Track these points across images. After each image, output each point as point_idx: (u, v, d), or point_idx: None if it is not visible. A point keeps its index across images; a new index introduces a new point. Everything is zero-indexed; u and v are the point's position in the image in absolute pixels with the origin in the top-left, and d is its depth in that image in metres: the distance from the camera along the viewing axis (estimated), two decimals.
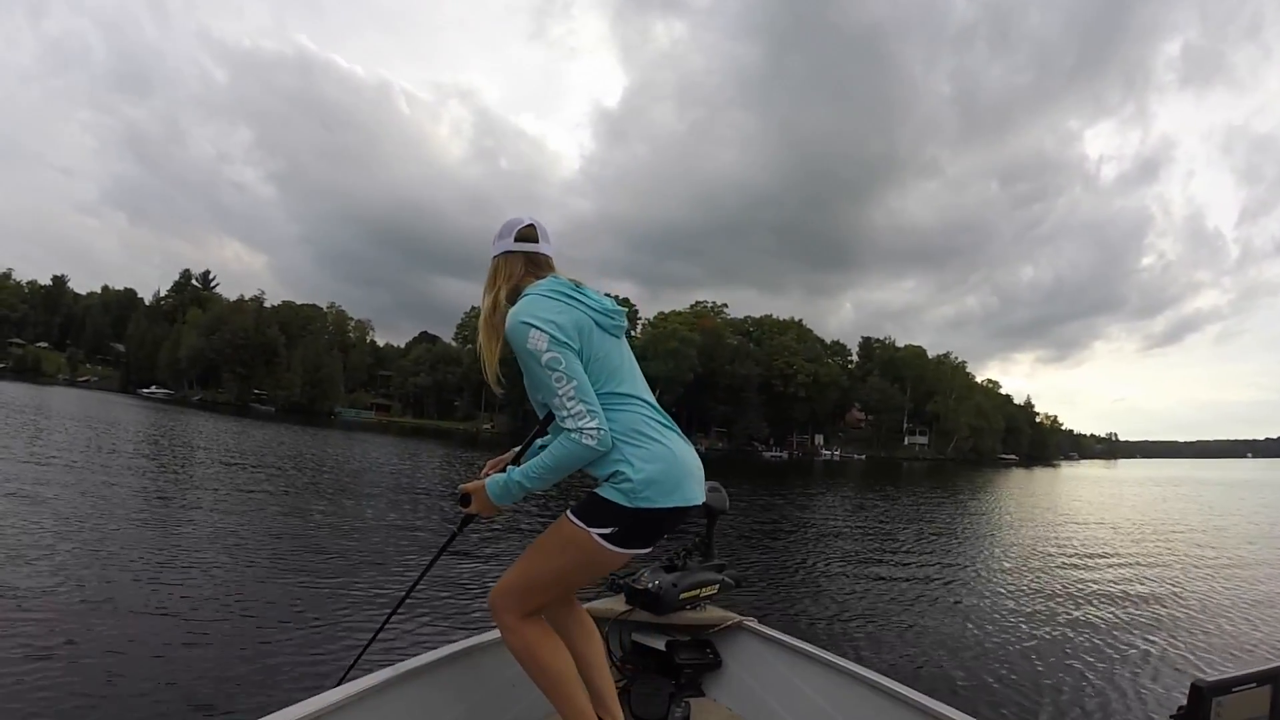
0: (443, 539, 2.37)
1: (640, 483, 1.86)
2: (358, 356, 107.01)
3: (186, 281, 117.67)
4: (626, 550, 1.93)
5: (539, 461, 1.90)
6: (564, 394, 1.83)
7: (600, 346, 1.97)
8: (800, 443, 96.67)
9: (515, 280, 2.10)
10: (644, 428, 1.95)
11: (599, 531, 1.89)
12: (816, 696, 2.56)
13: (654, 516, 1.90)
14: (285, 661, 4.91)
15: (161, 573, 6.92)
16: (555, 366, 1.84)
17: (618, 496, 1.87)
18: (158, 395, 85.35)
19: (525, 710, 2.48)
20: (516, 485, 1.92)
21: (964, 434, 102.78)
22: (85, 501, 10.30)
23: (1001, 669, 5.98)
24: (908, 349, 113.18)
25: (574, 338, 1.90)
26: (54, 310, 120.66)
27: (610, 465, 1.90)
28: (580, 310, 1.97)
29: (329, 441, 33.42)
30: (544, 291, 1.98)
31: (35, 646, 4.70)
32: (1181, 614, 8.45)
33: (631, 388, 2.02)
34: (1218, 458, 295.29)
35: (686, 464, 1.99)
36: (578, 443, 1.81)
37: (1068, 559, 12.43)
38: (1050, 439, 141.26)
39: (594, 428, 1.82)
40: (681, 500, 1.93)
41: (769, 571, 9.69)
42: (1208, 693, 1.23)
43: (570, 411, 1.82)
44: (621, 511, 1.87)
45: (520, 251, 2.12)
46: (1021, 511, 22.71)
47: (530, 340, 1.85)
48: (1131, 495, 34.82)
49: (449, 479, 19.29)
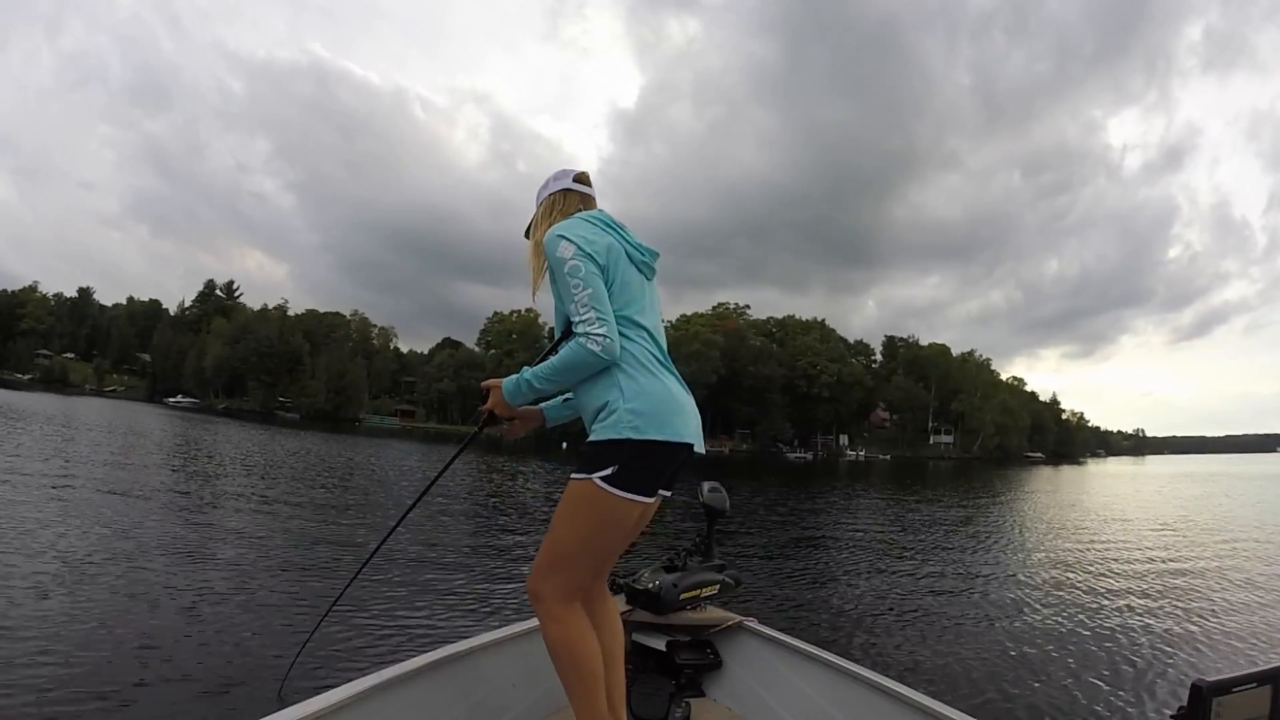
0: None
1: (627, 411, 1.88)
2: (381, 363, 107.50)
3: (211, 291, 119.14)
4: (631, 495, 1.89)
5: (549, 362, 1.97)
6: (579, 299, 1.89)
7: (625, 274, 2.03)
8: (825, 443, 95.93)
9: (569, 215, 2.16)
10: (645, 360, 1.98)
11: (599, 475, 1.88)
12: (817, 696, 2.56)
13: (645, 451, 1.89)
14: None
15: (195, 570, 7.17)
16: (575, 274, 1.91)
17: (606, 432, 1.89)
18: (184, 404, 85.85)
19: (525, 710, 2.48)
20: (526, 383, 1.99)
21: (989, 432, 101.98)
22: (117, 505, 10.41)
23: (1002, 669, 5.97)
24: (932, 347, 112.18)
25: (600, 254, 1.97)
26: (80, 322, 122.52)
27: (600, 395, 1.94)
28: (613, 236, 2.06)
29: (355, 447, 33.76)
30: (584, 216, 2.11)
31: (54, 639, 4.89)
32: (1184, 614, 8.30)
33: (645, 320, 2.05)
34: (1248, 452, 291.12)
35: (680, 402, 2.00)
36: (584, 346, 1.86)
37: (1073, 558, 12.26)
38: (1077, 436, 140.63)
39: (601, 334, 1.87)
40: (672, 435, 1.92)
41: (770, 572, 9.64)
42: (1208, 693, 1.22)
43: (582, 317, 1.88)
44: (612, 447, 1.88)
45: (576, 191, 2.24)
46: (1038, 511, 22.44)
47: (559, 249, 1.95)
48: (1155, 492, 34.34)
49: (473, 483, 19.31)
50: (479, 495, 16.87)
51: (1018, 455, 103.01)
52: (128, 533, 8.63)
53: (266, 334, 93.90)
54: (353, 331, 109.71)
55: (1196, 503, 27.72)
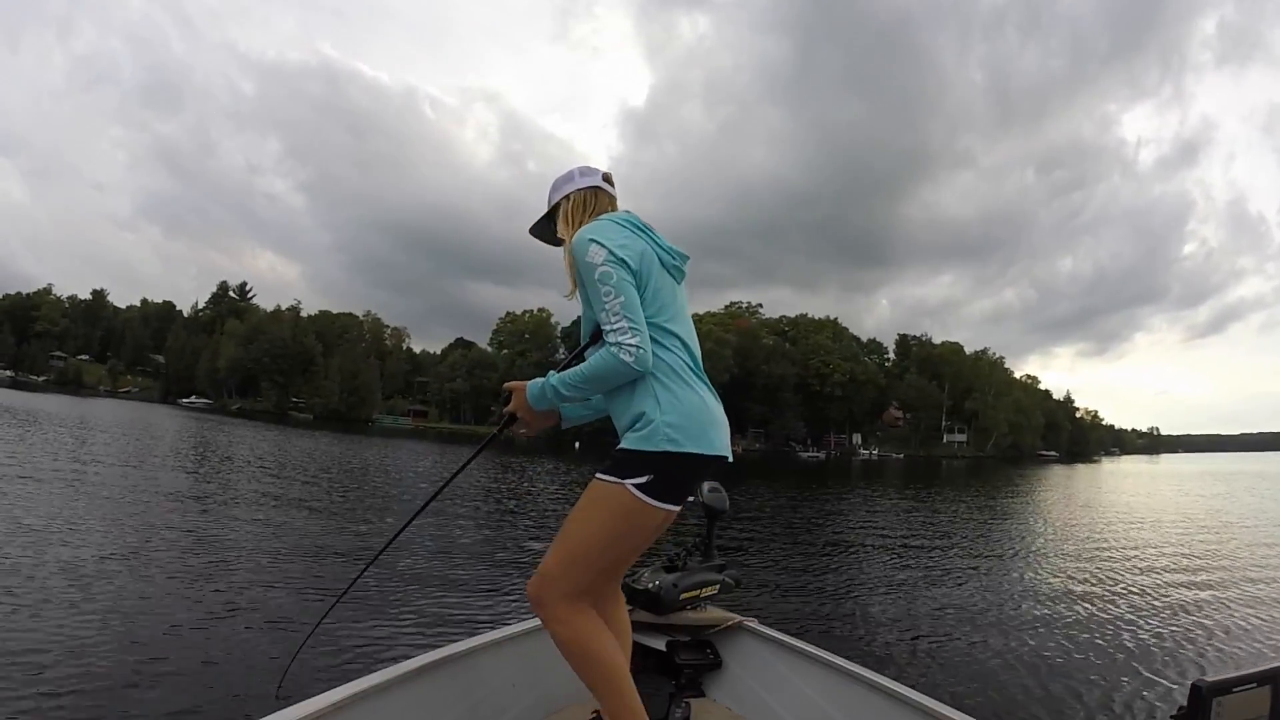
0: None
1: (663, 424, 1.83)
2: (394, 363, 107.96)
3: (224, 293, 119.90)
4: (662, 504, 1.85)
5: (577, 369, 1.89)
6: (610, 307, 1.81)
7: (658, 280, 1.95)
8: (838, 442, 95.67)
9: (599, 215, 2.08)
10: (679, 370, 1.92)
11: (633, 481, 1.82)
12: (817, 697, 2.55)
13: (681, 463, 1.84)
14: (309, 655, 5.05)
15: (202, 569, 7.25)
16: (606, 280, 1.83)
17: (642, 443, 1.83)
18: (198, 405, 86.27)
19: (525, 710, 2.49)
20: (552, 389, 1.92)
21: (1003, 431, 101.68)
22: (130, 504, 10.48)
23: (1002, 669, 5.97)
24: (945, 346, 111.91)
25: (634, 260, 1.89)
26: (94, 323, 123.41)
27: (636, 405, 1.88)
28: (645, 240, 1.98)
29: (369, 448, 33.85)
30: (614, 218, 2.01)
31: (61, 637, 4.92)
32: (1185, 613, 8.26)
33: (678, 328, 1.97)
34: (1264, 450, 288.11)
35: (714, 414, 1.95)
36: (615, 356, 1.79)
37: (1077, 558, 12.16)
38: (1091, 435, 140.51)
39: (633, 344, 1.79)
40: (707, 448, 1.87)
41: (771, 572, 9.58)
42: (1208, 693, 1.22)
43: (613, 325, 1.80)
44: (649, 458, 1.83)
45: (606, 191, 2.16)
46: (1048, 510, 22.26)
47: (590, 254, 1.86)
48: (1178, 492, 33.91)
49: (485, 483, 19.21)
50: (490, 495, 16.74)
51: (1031, 454, 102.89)
52: (138, 531, 8.66)
53: (279, 335, 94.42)
54: (365, 332, 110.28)
55: (1222, 500, 27.50)
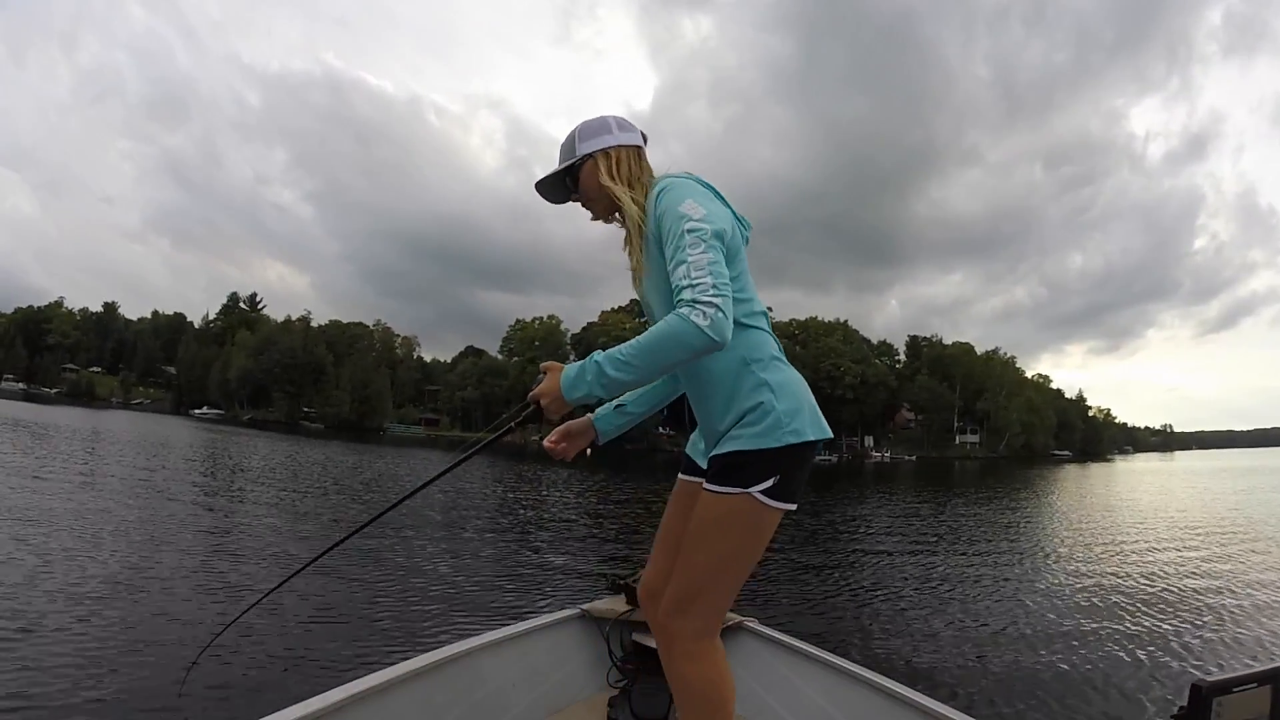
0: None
1: (785, 413, 1.60)
2: (405, 372, 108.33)
3: (234, 304, 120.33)
4: (787, 505, 1.62)
5: (634, 341, 1.49)
6: (694, 260, 1.48)
7: (739, 251, 1.70)
8: (849, 445, 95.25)
9: (644, 180, 1.80)
10: (776, 350, 1.70)
11: (760, 488, 1.58)
12: (817, 696, 2.55)
13: (806, 455, 1.63)
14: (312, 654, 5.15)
15: (203, 570, 7.37)
16: (699, 235, 1.52)
17: (763, 440, 1.59)
18: (209, 415, 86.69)
19: (525, 710, 2.50)
20: (595, 367, 1.49)
21: (1015, 431, 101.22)
22: (141, 514, 10.50)
23: (1002, 669, 5.96)
24: (955, 346, 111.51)
25: (727, 230, 1.61)
26: (105, 335, 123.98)
27: (744, 397, 1.63)
28: (730, 211, 1.73)
29: (380, 457, 33.78)
30: (698, 180, 1.72)
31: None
32: (1187, 613, 8.17)
33: (761, 307, 1.73)
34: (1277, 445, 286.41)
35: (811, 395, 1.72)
36: (687, 319, 1.42)
37: (1079, 558, 12.00)
38: (1104, 433, 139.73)
39: (715, 303, 1.43)
40: (824, 432, 1.65)
41: (773, 572, 9.54)
42: (1208, 693, 1.22)
43: (693, 280, 1.46)
44: (775, 456, 1.59)
45: (645, 155, 1.86)
46: (1060, 511, 21.92)
47: (685, 205, 1.58)
48: (1179, 489, 33.63)
49: (497, 491, 19.15)
50: (498, 500, 16.62)
51: (1044, 454, 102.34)
52: (149, 541, 8.70)
53: (290, 345, 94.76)
54: (376, 341, 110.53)
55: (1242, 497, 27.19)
